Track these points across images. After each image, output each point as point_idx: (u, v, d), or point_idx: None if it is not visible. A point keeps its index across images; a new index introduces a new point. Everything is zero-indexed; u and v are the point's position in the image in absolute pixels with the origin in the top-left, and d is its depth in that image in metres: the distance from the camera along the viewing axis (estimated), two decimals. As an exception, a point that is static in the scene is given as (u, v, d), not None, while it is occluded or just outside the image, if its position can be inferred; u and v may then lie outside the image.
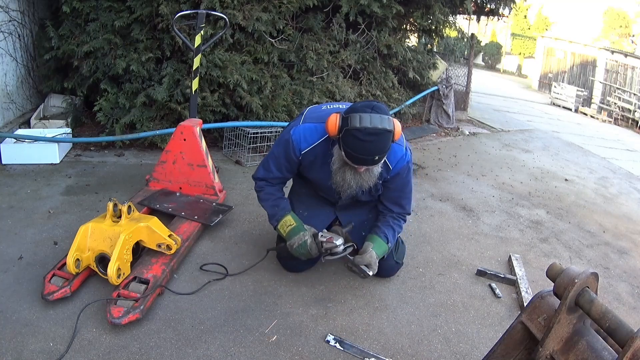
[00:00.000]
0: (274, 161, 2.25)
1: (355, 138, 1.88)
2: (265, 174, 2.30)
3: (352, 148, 1.91)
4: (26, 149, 3.44)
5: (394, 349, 1.98)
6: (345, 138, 1.91)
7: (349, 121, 1.88)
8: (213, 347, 1.85)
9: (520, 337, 1.29)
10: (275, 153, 2.25)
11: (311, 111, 2.25)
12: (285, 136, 2.19)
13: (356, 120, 1.86)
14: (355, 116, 1.87)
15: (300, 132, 2.15)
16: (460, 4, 5.78)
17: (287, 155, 2.19)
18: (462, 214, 3.58)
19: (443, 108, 6.57)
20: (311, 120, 2.17)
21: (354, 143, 1.89)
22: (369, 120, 1.86)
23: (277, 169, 2.26)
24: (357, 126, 1.86)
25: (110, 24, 3.86)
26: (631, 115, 12.37)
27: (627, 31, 23.69)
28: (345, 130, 1.89)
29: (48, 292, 1.94)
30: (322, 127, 2.09)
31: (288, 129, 2.21)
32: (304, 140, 2.14)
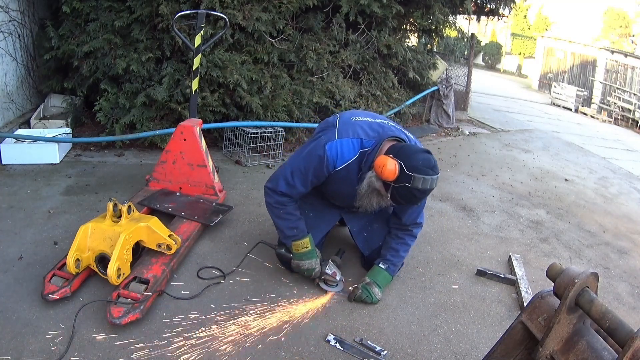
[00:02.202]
0: (300, 176, 2.13)
1: (412, 195, 1.93)
2: (289, 190, 2.16)
3: (403, 199, 1.97)
4: (26, 149, 3.44)
5: (394, 349, 1.98)
6: (401, 191, 1.92)
7: (412, 180, 1.88)
8: (213, 347, 1.85)
9: (520, 337, 1.29)
10: (302, 167, 2.12)
11: (343, 123, 2.15)
12: (317, 151, 2.08)
13: (419, 183, 1.88)
14: (419, 179, 1.88)
15: (337, 149, 2.07)
16: (460, 4, 5.77)
17: (317, 171, 2.10)
18: (462, 214, 3.58)
19: (443, 108, 6.57)
20: (347, 135, 2.09)
21: (409, 198, 1.96)
22: (429, 183, 1.91)
23: (302, 185, 2.15)
24: (419, 188, 1.89)
25: (110, 24, 3.86)
26: (631, 115, 12.37)
27: (627, 31, 23.69)
28: (404, 186, 1.90)
29: (48, 292, 1.94)
30: (358, 143, 2.08)
31: (320, 144, 2.08)
32: (340, 158, 2.07)
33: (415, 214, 2.35)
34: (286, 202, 2.21)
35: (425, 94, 6.39)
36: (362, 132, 2.11)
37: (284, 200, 2.21)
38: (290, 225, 2.24)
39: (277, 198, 2.21)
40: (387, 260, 2.35)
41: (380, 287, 2.29)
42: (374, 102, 5.12)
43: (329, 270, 2.29)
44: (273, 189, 2.21)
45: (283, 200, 2.20)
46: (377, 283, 2.28)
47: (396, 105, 5.48)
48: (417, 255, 2.80)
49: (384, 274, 2.32)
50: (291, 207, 2.23)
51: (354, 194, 2.12)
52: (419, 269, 2.65)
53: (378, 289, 2.27)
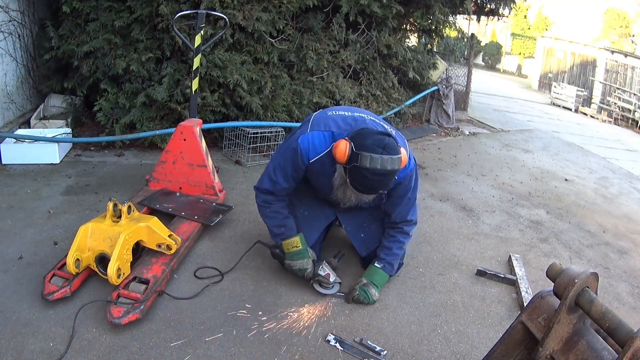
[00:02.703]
0: (280, 171, 2.17)
1: (363, 177, 1.89)
2: (272, 186, 2.20)
3: (358, 183, 1.93)
4: (26, 149, 3.44)
5: (394, 349, 1.98)
6: (353, 172, 1.91)
7: (359, 158, 1.86)
8: (213, 347, 1.85)
9: (520, 337, 1.29)
10: (281, 162, 2.17)
11: (317, 118, 2.18)
12: (292, 144, 2.13)
13: (366, 161, 1.85)
14: (366, 156, 1.85)
15: (309, 141, 2.10)
16: (460, 4, 5.78)
17: (294, 164, 2.13)
18: (462, 214, 3.58)
19: (443, 108, 6.57)
20: (318, 128, 2.12)
21: (361, 180, 1.91)
22: (379, 162, 1.85)
23: (284, 179, 2.18)
24: (366, 166, 1.85)
25: (110, 24, 3.86)
26: (631, 115, 12.36)
27: (627, 31, 23.68)
28: (354, 166, 1.88)
29: (48, 292, 1.94)
30: (330, 135, 2.09)
31: (295, 137, 2.14)
32: (312, 150, 2.10)
33: (405, 211, 2.34)
34: (271, 200, 2.24)
35: (425, 94, 6.39)
36: (334, 125, 2.12)
37: (269, 199, 2.24)
38: (277, 223, 2.25)
39: (263, 197, 2.26)
40: (381, 260, 2.35)
41: (377, 287, 2.29)
42: (374, 102, 5.12)
43: (322, 271, 2.26)
44: (258, 188, 2.26)
45: (268, 198, 2.24)
46: (374, 283, 2.28)
47: (396, 105, 5.48)
48: (417, 255, 2.80)
49: (380, 273, 2.32)
50: (277, 206, 2.25)
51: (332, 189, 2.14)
52: (419, 269, 2.65)
53: (375, 289, 2.27)
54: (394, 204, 2.31)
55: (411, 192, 2.29)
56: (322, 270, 2.26)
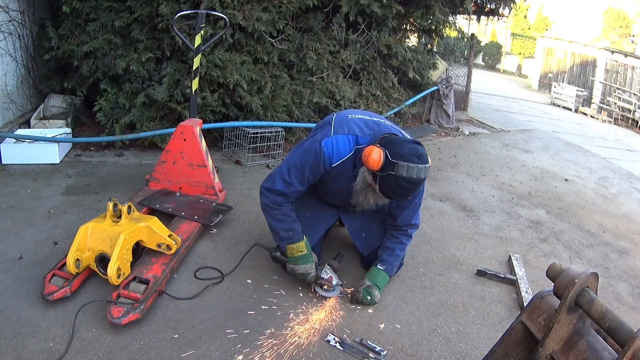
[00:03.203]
0: (296, 173, 2.10)
1: (398, 184, 1.90)
2: (285, 188, 2.13)
3: (390, 190, 1.93)
4: (26, 149, 3.44)
5: (394, 349, 1.98)
6: (387, 180, 1.90)
7: (395, 168, 1.86)
8: (213, 347, 1.85)
9: (520, 337, 1.29)
10: (299, 165, 2.10)
11: (339, 120, 2.14)
12: (313, 147, 2.07)
13: (403, 170, 1.86)
14: (403, 166, 1.85)
15: (333, 144, 2.06)
16: (460, 4, 5.78)
17: (314, 167, 2.08)
18: (462, 214, 3.58)
19: (443, 108, 6.57)
20: (342, 131, 2.09)
21: (395, 188, 1.91)
22: (415, 171, 1.87)
23: (299, 182, 2.12)
24: (403, 175, 1.86)
25: (110, 24, 3.86)
26: (631, 115, 12.37)
27: (627, 31, 23.69)
28: (389, 174, 1.88)
29: (48, 292, 1.94)
30: (353, 139, 2.08)
31: (316, 140, 2.08)
32: (337, 154, 2.06)
33: (410, 215, 2.34)
34: (282, 203, 2.17)
35: (425, 94, 6.39)
36: (357, 129, 2.10)
37: (280, 200, 2.17)
38: (286, 227, 2.20)
39: (274, 198, 2.17)
40: (384, 261, 2.35)
41: (380, 288, 2.29)
42: (374, 102, 5.12)
43: (324, 274, 2.25)
44: (269, 188, 2.17)
45: (279, 200, 2.17)
46: (377, 284, 2.28)
47: (396, 105, 5.48)
48: (417, 255, 2.80)
49: (382, 275, 2.32)
50: (287, 209, 2.19)
51: (350, 192, 2.11)
52: (419, 269, 2.65)
53: (377, 291, 2.27)
54: (401, 207, 2.30)
55: (418, 198, 2.30)
56: (324, 274, 2.25)
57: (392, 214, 2.37)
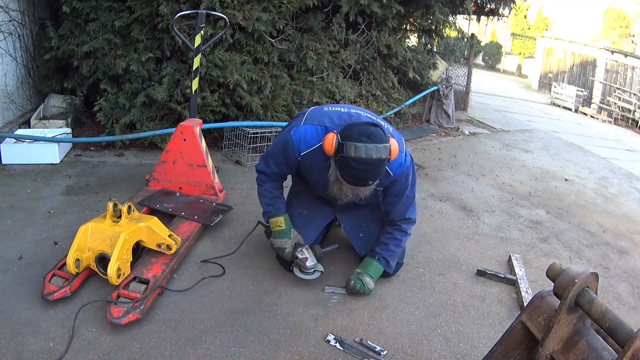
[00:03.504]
0: (272, 158, 2.29)
1: (350, 166, 1.91)
2: (265, 168, 2.33)
3: (346, 173, 1.96)
4: (26, 149, 3.44)
5: (394, 349, 1.98)
6: (340, 163, 1.94)
7: (344, 148, 1.89)
8: (213, 347, 1.85)
9: (520, 337, 1.29)
10: (274, 151, 2.28)
11: (313, 112, 2.23)
12: (285, 136, 2.19)
13: (351, 150, 1.87)
14: (351, 146, 1.87)
15: (301, 134, 2.13)
16: (460, 4, 5.78)
17: (285, 155, 2.19)
18: (462, 214, 3.58)
19: (443, 108, 6.57)
20: (312, 122, 2.15)
21: (348, 170, 1.93)
22: (364, 151, 1.87)
23: (275, 166, 2.29)
24: (351, 155, 1.88)
25: (110, 24, 3.86)
26: (631, 115, 12.37)
27: (627, 31, 23.69)
28: (340, 157, 1.92)
29: (48, 292, 1.94)
30: (322, 130, 2.10)
31: (289, 129, 2.20)
32: (304, 143, 2.13)
33: (404, 209, 2.34)
34: (264, 180, 2.35)
35: (425, 94, 6.39)
36: (328, 121, 2.14)
37: (262, 178, 2.35)
38: (267, 201, 2.35)
39: (258, 176, 2.37)
40: (376, 253, 2.37)
41: (372, 278, 2.31)
42: (374, 102, 5.12)
43: (300, 254, 2.26)
44: (257, 167, 2.38)
45: (262, 177, 2.35)
46: (368, 273, 2.30)
47: (396, 105, 5.48)
48: (417, 255, 2.80)
49: (374, 265, 2.34)
50: (269, 185, 2.35)
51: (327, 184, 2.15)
52: (419, 269, 2.65)
53: (370, 279, 2.29)
54: (392, 202, 2.31)
55: (409, 190, 2.29)
56: (300, 253, 2.26)
57: (386, 210, 2.38)
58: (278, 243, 2.32)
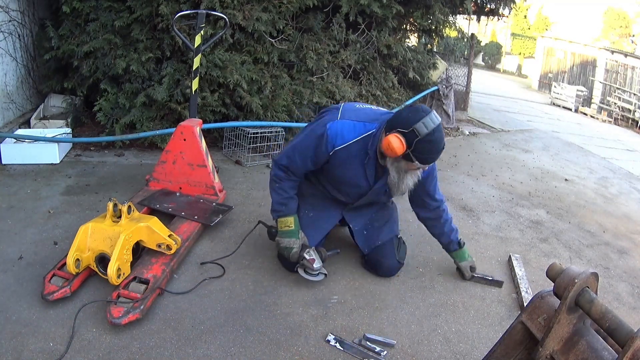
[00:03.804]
0: (300, 152, 2.20)
1: (431, 142, 1.96)
2: (289, 163, 2.25)
3: (429, 152, 2.00)
4: (26, 149, 3.44)
5: (394, 349, 1.98)
6: (420, 147, 1.96)
7: (416, 132, 1.93)
8: (213, 347, 1.85)
9: (520, 337, 1.29)
10: (303, 144, 2.19)
11: (347, 108, 2.21)
12: (319, 130, 2.14)
13: (422, 128, 1.93)
14: (420, 125, 1.93)
15: (338, 128, 2.10)
16: (460, 4, 5.77)
17: (317, 148, 2.14)
18: (462, 214, 3.58)
19: (443, 108, 6.57)
20: (349, 117, 2.14)
21: (431, 146, 1.98)
22: (432, 120, 1.95)
23: (301, 161, 2.21)
24: (427, 131, 1.93)
25: (110, 24, 3.86)
26: (631, 115, 12.37)
27: (627, 31, 23.70)
28: (417, 142, 1.94)
29: (48, 292, 1.94)
30: (361, 126, 2.12)
31: (322, 123, 2.15)
32: (340, 137, 2.11)
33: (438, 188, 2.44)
34: (283, 178, 2.29)
35: (425, 94, 6.39)
36: (364, 117, 2.15)
37: (281, 175, 2.28)
38: (280, 200, 2.29)
39: (277, 171, 2.30)
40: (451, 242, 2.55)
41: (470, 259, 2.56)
42: (374, 102, 5.12)
43: (307, 255, 2.25)
44: (277, 161, 2.31)
45: (281, 174, 2.28)
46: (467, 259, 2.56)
47: (396, 105, 5.48)
48: (417, 255, 2.80)
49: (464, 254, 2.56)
50: (286, 184, 2.29)
51: (359, 183, 2.19)
52: (419, 269, 2.65)
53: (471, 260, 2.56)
54: (430, 183, 2.36)
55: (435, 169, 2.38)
56: (307, 254, 2.25)
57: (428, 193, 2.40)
58: (285, 242, 2.29)
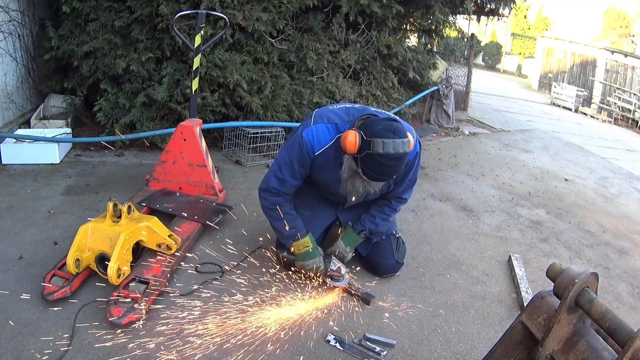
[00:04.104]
0: (287, 168, 2.15)
1: (377, 163, 1.88)
2: (280, 186, 2.18)
3: (372, 170, 1.92)
4: (26, 149, 3.44)
5: (394, 349, 1.98)
6: (366, 160, 1.90)
7: (371, 146, 1.86)
8: (213, 347, 1.85)
9: (520, 337, 1.29)
10: (287, 159, 2.15)
11: (319, 112, 2.19)
12: (296, 139, 2.12)
13: (379, 147, 1.84)
14: (378, 142, 1.84)
15: (313, 133, 2.09)
16: (460, 4, 5.77)
17: (300, 158, 2.12)
18: (462, 214, 3.58)
19: (443, 108, 6.57)
20: (321, 120, 2.12)
21: (375, 167, 1.90)
22: (392, 147, 1.85)
23: (291, 176, 2.16)
24: (380, 152, 1.85)
25: (110, 24, 3.86)
26: (631, 115, 12.37)
27: (627, 31, 23.69)
28: (367, 154, 1.88)
29: (48, 292, 1.94)
30: (333, 128, 2.09)
31: (298, 133, 2.13)
32: (317, 142, 2.09)
33: (402, 190, 2.34)
34: (281, 202, 2.22)
35: (425, 94, 6.39)
36: (336, 118, 2.13)
37: (278, 200, 2.22)
38: (289, 225, 2.22)
39: (271, 199, 2.22)
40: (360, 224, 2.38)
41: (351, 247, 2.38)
42: (374, 102, 5.12)
43: (333, 266, 2.29)
44: (265, 189, 2.23)
45: (277, 200, 2.22)
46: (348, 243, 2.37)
47: (396, 105, 5.48)
48: (417, 255, 2.80)
49: (353, 236, 2.38)
50: (287, 207, 2.23)
51: (338, 182, 2.13)
52: (419, 269, 2.65)
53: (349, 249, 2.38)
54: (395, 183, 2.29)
55: (412, 174, 2.29)
56: (333, 265, 2.29)
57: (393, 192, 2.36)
58: (310, 264, 2.24)
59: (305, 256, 2.24)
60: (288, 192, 2.22)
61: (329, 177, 2.18)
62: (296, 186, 2.23)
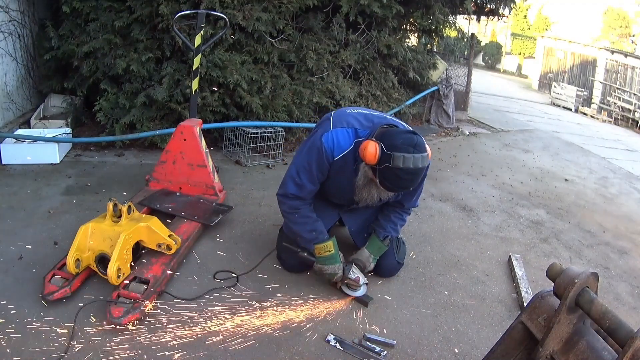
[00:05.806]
0: (306, 173, 2.13)
1: (396, 176, 1.89)
2: (298, 190, 2.16)
3: (390, 182, 1.93)
4: (26, 149, 3.44)
5: (394, 349, 1.98)
6: (385, 172, 1.91)
7: (391, 159, 1.86)
8: (213, 347, 1.85)
9: (520, 337, 1.29)
10: (305, 164, 2.13)
11: (338, 115, 2.17)
12: (315, 144, 2.10)
13: (399, 161, 1.85)
14: (399, 157, 1.85)
15: (333, 139, 2.07)
16: (460, 4, 5.78)
17: (319, 163, 2.10)
18: (462, 214, 3.58)
19: (443, 108, 6.57)
20: (341, 125, 2.10)
21: (394, 180, 1.92)
22: (412, 162, 1.86)
23: (309, 181, 2.14)
24: (400, 166, 1.86)
25: (110, 24, 3.86)
26: (631, 115, 12.36)
27: (627, 31, 23.68)
28: (386, 167, 1.88)
29: (48, 292, 1.94)
30: (353, 132, 2.09)
31: (317, 136, 2.11)
32: (337, 147, 2.08)
33: (416, 198, 2.40)
34: (299, 205, 2.21)
35: (425, 94, 6.39)
36: (356, 122, 2.12)
37: (296, 204, 2.21)
38: (309, 228, 2.21)
39: (290, 203, 2.21)
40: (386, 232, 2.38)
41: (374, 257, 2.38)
42: (374, 102, 5.12)
43: (352, 275, 2.23)
44: (284, 194, 2.22)
45: (295, 203, 2.21)
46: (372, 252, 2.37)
47: (396, 105, 5.48)
48: (417, 255, 2.80)
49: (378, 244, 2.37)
50: (305, 210, 2.22)
51: (352, 187, 2.12)
52: (419, 269, 2.65)
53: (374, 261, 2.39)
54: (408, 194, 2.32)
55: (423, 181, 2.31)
56: (352, 274, 2.24)
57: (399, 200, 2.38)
58: (330, 269, 2.20)
59: (325, 260, 2.21)
60: (306, 197, 2.21)
61: (343, 182, 2.17)
62: (314, 191, 2.20)
